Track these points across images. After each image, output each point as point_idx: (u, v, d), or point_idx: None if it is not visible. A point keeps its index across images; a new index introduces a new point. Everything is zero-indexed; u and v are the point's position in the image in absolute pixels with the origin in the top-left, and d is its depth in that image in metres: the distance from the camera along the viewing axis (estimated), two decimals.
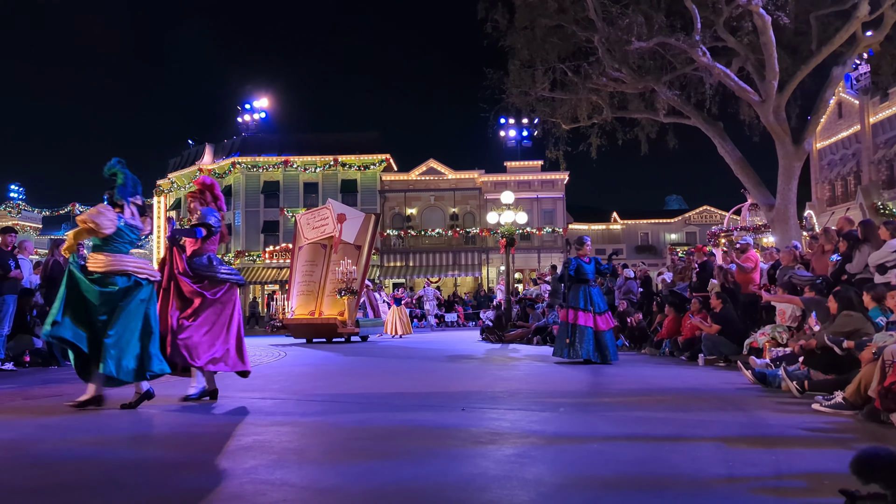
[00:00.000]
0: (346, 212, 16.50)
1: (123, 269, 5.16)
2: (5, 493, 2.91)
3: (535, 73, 18.37)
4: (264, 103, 46.03)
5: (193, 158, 43.77)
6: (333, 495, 2.85)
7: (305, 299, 15.82)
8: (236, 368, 5.85)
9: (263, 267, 39.41)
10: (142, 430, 4.49)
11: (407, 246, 39.49)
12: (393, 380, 7.75)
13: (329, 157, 39.57)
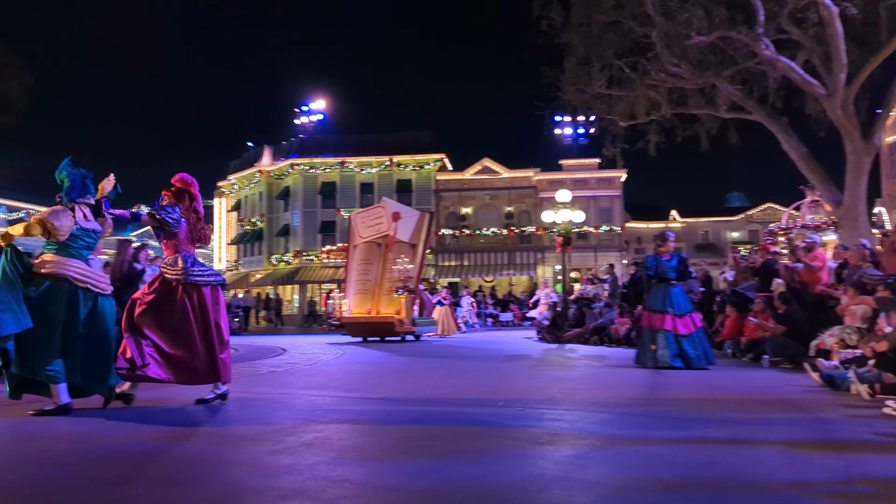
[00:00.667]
0: (401, 210, 16.53)
1: (63, 273, 4.96)
2: (80, 484, 3.04)
3: (592, 71, 18.13)
4: (321, 105, 46.75)
5: (253, 160, 44.74)
6: (393, 493, 2.88)
7: (362, 298, 15.94)
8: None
9: (321, 266, 40.03)
10: (203, 427, 4.61)
11: (461, 245, 39.55)
12: (450, 379, 7.78)
13: (384, 158, 39.94)
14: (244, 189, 45.68)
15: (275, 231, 42.49)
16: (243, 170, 45.15)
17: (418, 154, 39.84)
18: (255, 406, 5.46)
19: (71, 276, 4.96)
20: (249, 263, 44.65)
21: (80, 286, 5.01)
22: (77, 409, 5.21)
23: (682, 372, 7.80)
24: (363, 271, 16.20)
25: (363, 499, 2.79)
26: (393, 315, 15.08)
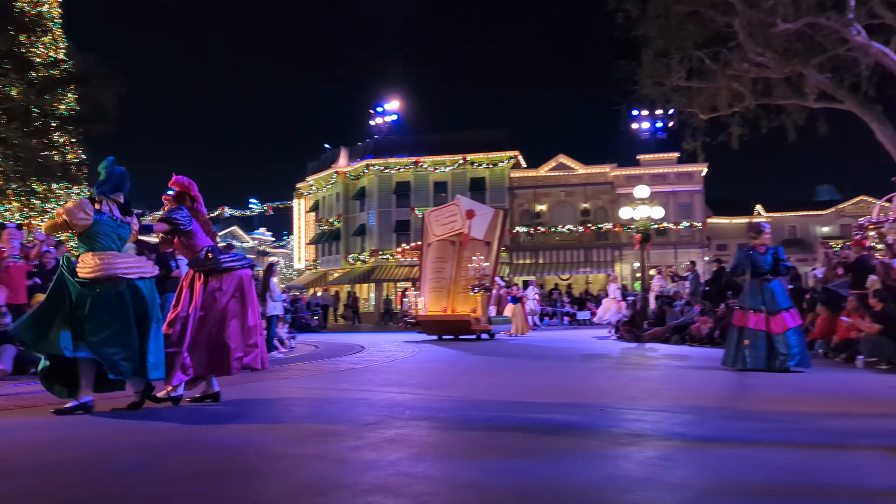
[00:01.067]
0: (475, 208, 16.50)
1: (113, 273, 4.88)
2: (176, 474, 3.19)
3: (670, 63, 17.68)
4: (395, 106, 47.29)
5: (330, 162, 45.70)
6: (473, 491, 2.89)
7: (437, 296, 15.98)
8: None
9: (396, 265, 40.52)
10: (286, 422, 4.74)
11: (536, 243, 39.28)
12: (527, 378, 7.75)
13: (458, 156, 40.07)
14: (321, 190, 46.72)
15: (351, 231, 43.27)
16: (321, 171, 46.17)
17: (492, 152, 39.79)
18: (336, 402, 5.58)
19: (121, 273, 4.90)
20: (327, 263, 45.63)
21: (132, 278, 4.96)
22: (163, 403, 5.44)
23: (771, 373, 7.48)
24: (437, 269, 16.23)
25: (445, 496, 2.82)
26: (469, 313, 15.08)
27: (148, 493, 2.87)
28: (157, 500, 2.78)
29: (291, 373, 8.21)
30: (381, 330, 26.45)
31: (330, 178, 44.80)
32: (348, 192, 43.69)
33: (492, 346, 13.39)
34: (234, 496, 2.81)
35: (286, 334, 12.85)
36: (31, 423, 4.66)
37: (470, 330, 15.04)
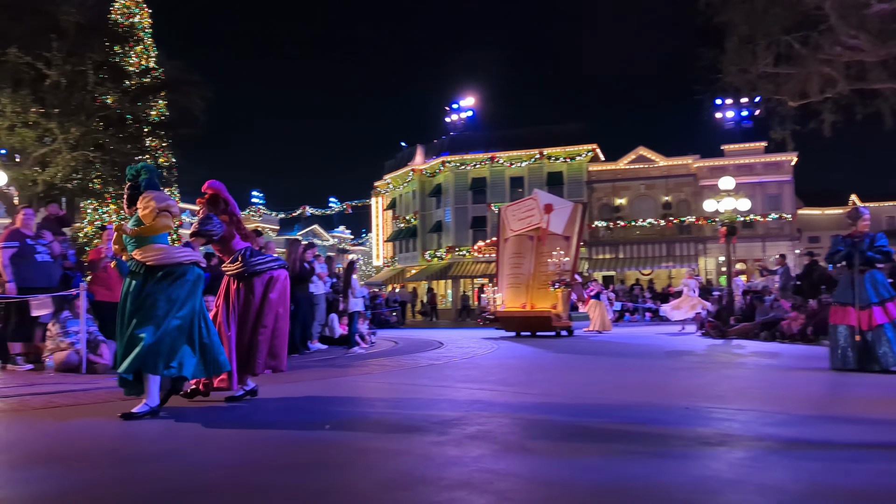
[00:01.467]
0: (553, 202, 16.18)
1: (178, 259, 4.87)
2: (268, 469, 3.30)
3: (756, 49, 16.98)
4: (470, 102, 47.39)
5: (406, 160, 46.20)
6: (558, 489, 2.87)
7: (515, 292, 15.80)
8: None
9: (472, 261, 40.61)
10: (370, 416, 4.83)
11: (616, 237, 38.61)
12: (609, 375, 7.63)
13: (534, 151, 39.81)
14: (398, 188, 47.30)
15: (428, 227, 43.63)
16: (397, 169, 46.75)
17: (569, 145, 39.35)
18: (418, 397, 5.65)
19: (184, 260, 4.88)
20: (405, 259, 46.18)
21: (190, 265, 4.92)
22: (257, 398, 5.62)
23: (869, 374, 7.08)
24: (515, 265, 16.02)
25: (530, 493, 2.81)
26: (549, 309, 14.87)
27: (242, 485, 2.98)
28: (252, 491, 2.88)
29: (373, 368, 8.35)
30: (458, 326, 26.57)
31: (406, 175, 45.31)
32: (425, 190, 44.06)
33: (571, 342, 13.25)
34: (324, 488, 2.88)
35: (367, 330, 13.08)
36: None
37: (550, 326, 14.83)
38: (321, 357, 10.10)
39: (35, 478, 3.13)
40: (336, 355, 10.39)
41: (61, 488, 2.95)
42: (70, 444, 3.93)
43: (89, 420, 4.66)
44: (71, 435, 4.17)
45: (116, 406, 5.31)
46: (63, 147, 20.88)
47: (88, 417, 4.77)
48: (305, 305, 11.00)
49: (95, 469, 3.31)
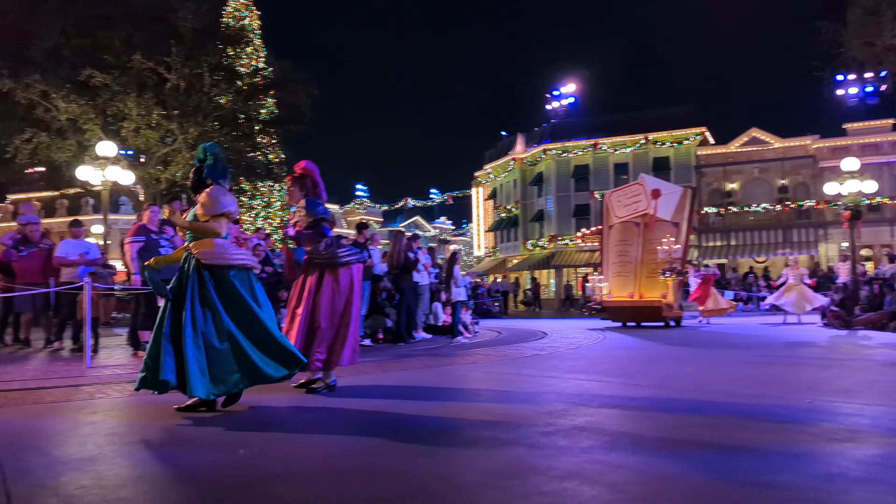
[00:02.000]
0: (661, 187, 15.67)
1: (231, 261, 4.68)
2: (381, 453, 3.40)
3: (882, 20, 15.82)
4: (572, 88, 46.66)
5: (507, 149, 46.03)
6: (672, 482, 2.80)
7: (622, 281, 15.43)
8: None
9: (576, 250, 40.04)
10: (477, 404, 4.86)
11: (727, 224, 37.01)
12: (722, 367, 7.34)
13: (639, 136, 38.74)
14: (499, 177, 47.22)
15: (529, 217, 43.34)
16: (498, 159, 46.67)
17: (676, 129, 38.04)
18: (524, 388, 5.64)
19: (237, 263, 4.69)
20: (506, 249, 46.10)
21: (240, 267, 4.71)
22: (366, 381, 5.78)
23: None
24: (621, 253, 15.61)
25: (642, 486, 2.75)
26: (659, 299, 14.44)
27: (359, 468, 3.08)
28: (371, 475, 2.97)
29: (477, 358, 8.41)
30: (561, 316, 26.31)
31: (507, 164, 45.15)
32: (526, 179, 43.78)
33: (681, 333, 12.82)
34: (436, 475, 2.94)
35: (470, 320, 13.17)
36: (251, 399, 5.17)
37: (660, 317, 14.37)
38: (426, 346, 10.26)
39: (179, 455, 3.36)
40: (440, 344, 10.53)
41: (203, 464, 3.15)
42: (198, 425, 4.19)
43: None
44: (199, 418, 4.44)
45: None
46: (183, 146, 22.17)
47: None
48: (410, 295, 11.20)
49: (219, 449, 3.52)
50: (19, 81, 20.16)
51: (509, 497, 2.59)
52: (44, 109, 21.00)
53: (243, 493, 2.75)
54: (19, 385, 5.92)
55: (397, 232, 11.99)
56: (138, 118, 21.38)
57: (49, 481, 2.91)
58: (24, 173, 23.81)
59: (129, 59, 21.00)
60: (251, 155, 26.04)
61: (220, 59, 23.88)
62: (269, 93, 27.62)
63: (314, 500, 2.62)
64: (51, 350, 9.53)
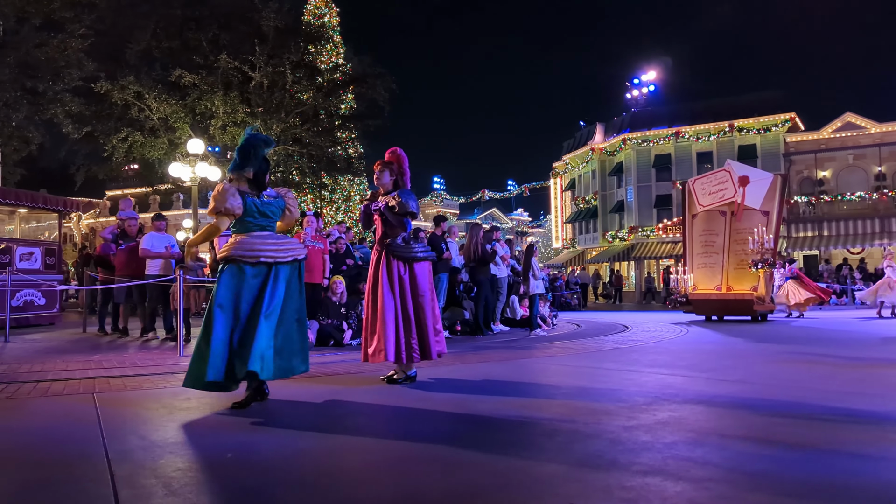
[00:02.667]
0: (749, 173, 14.94)
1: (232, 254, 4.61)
2: (461, 443, 3.43)
3: None
4: (652, 76, 45.57)
5: (585, 139, 45.37)
6: (761, 480, 2.71)
7: (708, 272, 14.90)
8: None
9: (657, 242, 39.13)
10: (557, 398, 4.82)
11: (819, 213, 35.35)
12: (815, 363, 7.03)
13: (724, 124, 37.46)
14: (577, 168, 46.60)
15: (609, 208, 42.61)
16: (576, 149, 46.07)
17: (763, 115, 36.58)
18: (604, 381, 5.57)
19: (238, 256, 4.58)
20: (585, 241, 45.48)
21: (246, 262, 4.58)
22: (446, 373, 5.83)
23: None
24: (706, 243, 15.08)
25: (730, 484, 2.68)
26: (749, 292, 13.85)
27: (438, 459, 3.12)
28: (448, 465, 3.00)
29: (556, 350, 8.35)
30: (643, 309, 25.78)
31: (586, 155, 44.50)
32: (605, 169, 43.04)
33: (769, 328, 12.35)
34: (516, 467, 2.94)
35: (548, 312, 13.08)
36: (337, 390, 5.31)
37: (751, 310, 13.77)
38: (504, 339, 10.26)
39: (267, 442, 3.50)
40: (518, 337, 10.50)
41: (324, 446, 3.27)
42: (287, 413, 4.34)
43: (304, 389, 5.10)
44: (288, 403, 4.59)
45: (322, 380, 5.76)
46: None
47: (304, 387, 5.22)
48: (487, 288, 11.22)
49: (307, 438, 3.63)
50: (115, 83, 21.22)
51: (590, 491, 2.57)
52: (138, 109, 22.04)
53: (325, 479, 2.83)
54: (119, 372, 6.26)
55: (474, 224, 12.02)
56: (225, 116, 22.17)
57: (148, 463, 3.08)
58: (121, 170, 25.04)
59: (215, 59, 21.78)
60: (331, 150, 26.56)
61: (302, 56, 24.45)
62: (349, 88, 28.09)
63: (394, 490, 2.67)
64: (145, 339, 10.03)
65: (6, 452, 3.33)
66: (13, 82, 17.88)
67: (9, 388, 5.38)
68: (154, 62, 22.82)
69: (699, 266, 15.11)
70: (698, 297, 14.59)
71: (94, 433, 3.68)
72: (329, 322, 9.14)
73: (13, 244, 13.18)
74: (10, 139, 19.14)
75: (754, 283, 13.96)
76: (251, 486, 2.69)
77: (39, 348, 8.83)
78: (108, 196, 54.41)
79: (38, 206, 14.15)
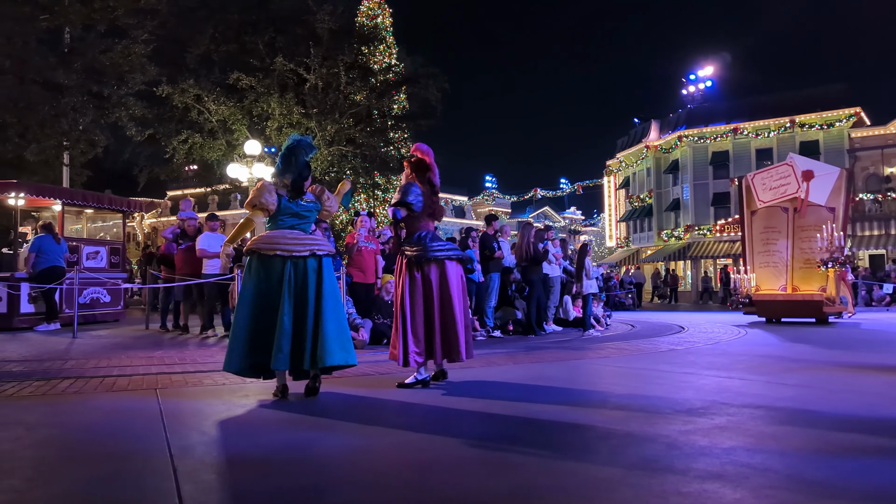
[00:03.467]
0: (814, 167, 14.31)
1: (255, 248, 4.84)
2: (511, 443, 3.42)
3: None
4: (709, 71, 44.58)
5: (640, 136, 44.68)
6: (823, 489, 2.63)
7: (771, 272, 14.30)
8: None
9: (714, 241, 38.28)
10: (611, 399, 4.76)
11: (886, 211, 34.05)
12: (880, 370, 6.77)
13: (784, 119, 36.40)
14: (632, 166, 45.92)
15: (664, 206, 41.87)
16: (630, 147, 45.42)
17: (826, 110, 35.40)
18: (659, 384, 5.48)
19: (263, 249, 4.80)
20: (639, 240, 44.80)
21: (264, 254, 4.78)
22: (498, 374, 5.82)
23: None
24: (767, 241, 14.43)
25: (791, 492, 2.60)
26: (817, 292, 13.23)
27: (489, 460, 3.12)
28: (499, 466, 3.01)
29: (609, 351, 8.25)
30: (699, 309, 25.24)
31: (640, 153, 43.83)
32: (660, 167, 42.31)
33: (832, 331, 11.93)
34: (568, 469, 2.92)
35: (602, 312, 12.93)
36: (388, 390, 5.36)
37: (820, 312, 13.10)
38: (556, 339, 10.19)
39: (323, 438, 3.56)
40: (571, 337, 10.42)
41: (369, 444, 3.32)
42: (341, 409, 4.40)
43: (355, 386, 5.17)
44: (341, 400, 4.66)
45: (374, 379, 5.82)
46: (321, 143, 23.16)
47: (363, 384, 5.28)
48: (540, 287, 11.15)
49: (359, 435, 3.68)
50: (176, 87, 21.83)
51: (644, 495, 2.53)
52: (197, 112, 22.62)
53: (381, 478, 2.87)
54: (180, 369, 6.45)
55: (526, 223, 11.96)
56: (280, 117, 22.57)
57: (209, 458, 3.17)
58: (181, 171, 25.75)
59: (271, 61, 22.19)
60: (384, 150, 26.78)
61: (356, 57, 24.71)
62: (401, 88, 28.24)
63: (446, 489, 2.68)
64: (204, 336, 10.30)
65: (75, 446, 3.47)
66: (80, 87, 18.55)
67: (77, 382, 5.60)
68: (213, 66, 23.35)
69: (761, 265, 14.56)
70: (763, 298, 13.98)
71: (157, 428, 3.80)
72: (383, 321, 9.22)
73: (80, 243, 13.70)
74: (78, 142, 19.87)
75: (822, 283, 13.37)
76: (309, 484, 2.74)
77: (105, 344, 9.16)
78: (169, 196, 56.01)
79: (104, 207, 14.68)
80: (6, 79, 16.93)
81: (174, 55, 22.50)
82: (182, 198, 16.08)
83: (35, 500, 2.55)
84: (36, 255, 11.76)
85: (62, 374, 6.08)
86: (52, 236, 11.99)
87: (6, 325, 11.64)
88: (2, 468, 2.98)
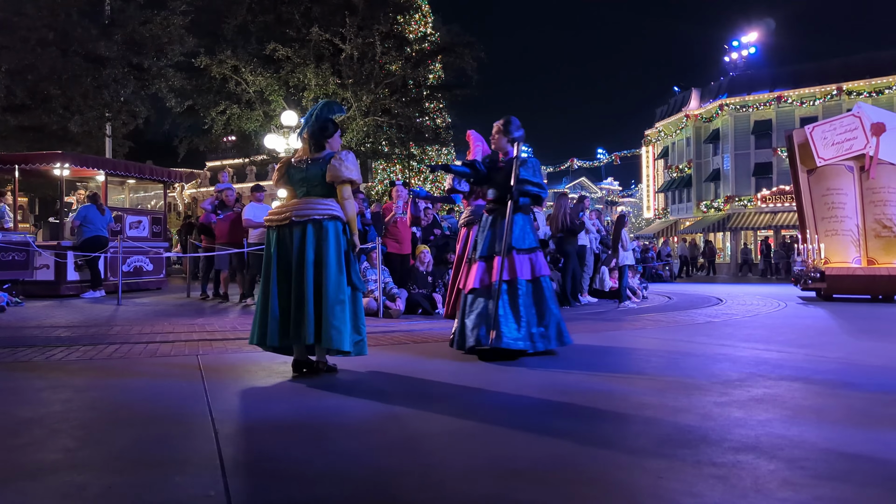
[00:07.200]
0: (885, 119, 12.39)
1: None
2: (545, 414, 3.45)
3: None
4: (752, 38, 43.33)
5: (680, 105, 43.79)
6: (862, 462, 2.61)
7: (838, 241, 12.45)
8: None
9: (755, 212, 37.54)
10: (646, 372, 4.75)
11: None
12: None
13: (831, 87, 35.31)
14: (671, 136, 45.11)
15: (704, 176, 41.13)
16: (670, 116, 44.57)
17: (875, 77, 34.19)
18: (696, 355, 5.45)
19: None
20: (678, 211, 44.15)
21: (273, 225, 4.61)
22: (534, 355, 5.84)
23: None
24: (832, 206, 12.52)
25: (827, 464, 2.59)
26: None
27: (526, 429, 3.15)
28: (535, 435, 3.03)
29: (646, 323, 8.20)
30: (738, 282, 24.88)
31: (680, 122, 42.99)
32: (700, 136, 41.49)
33: (878, 306, 11.66)
34: (602, 439, 2.94)
35: (638, 284, 12.83)
36: (423, 359, 5.41)
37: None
38: (592, 310, 10.15)
39: (354, 405, 3.63)
40: (607, 309, 10.37)
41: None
42: (379, 377, 4.47)
43: (390, 355, 5.24)
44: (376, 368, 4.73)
45: (411, 347, 5.89)
46: (357, 114, 23.18)
47: (398, 353, 5.36)
48: (575, 259, 11.09)
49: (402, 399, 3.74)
50: (214, 58, 21.99)
51: (679, 466, 2.54)
52: (235, 83, 22.77)
53: (414, 444, 2.92)
54: (221, 336, 6.60)
55: (561, 194, 11.87)
56: (316, 88, 22.61)
57: (248, 422, 3.26)
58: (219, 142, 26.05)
59: (307, 32, 22.18)
60: (420, 120, 26.69)
61: (391, 27, 24.54)
62: (437, 58, 28.02)
63: (484, 459, 2.72)
64: (245, 305, 10.50)
65: (122, 408, 3.60)
66: (121, 59, 18.83)
67: (122, 348, 5.78)
68: (250, 36, 23.45)
69: (826, 233, 12.52)
70: (836, 272, 12.01)
71: (199, 393, 3.91)
72: (418, 291, 9.29)
73: (123, 213, 14.01)
74: (119, 114, 20.22)
75: None
76: (345, 449, 2.81)
77: (148, 311, 9.41)
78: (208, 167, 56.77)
79: (145, 177, 14.96)
80: (50, 51, 17.25)
81: (212, 26, 22.65)
82: (221, 168, 16.30)
83: (84, 459, 2.66)
84: (81, 224, 12.06)
85: (108, 339, 6.28)
86: (97, 206, 12.27)
87: (54, 291, 12.01)
88: (53, 428, 3.11)
